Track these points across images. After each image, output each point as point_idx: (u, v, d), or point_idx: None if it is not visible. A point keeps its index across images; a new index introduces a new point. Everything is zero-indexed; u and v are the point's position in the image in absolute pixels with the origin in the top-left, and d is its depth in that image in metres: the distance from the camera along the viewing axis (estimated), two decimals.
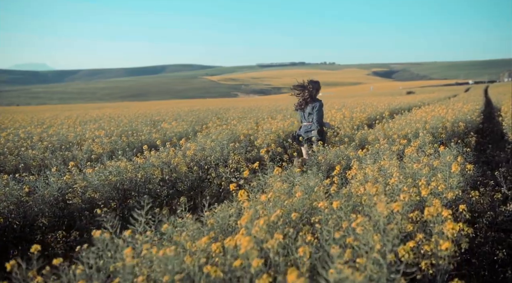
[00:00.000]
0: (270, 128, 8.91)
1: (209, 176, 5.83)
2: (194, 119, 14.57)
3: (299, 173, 5.12)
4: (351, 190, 3.20)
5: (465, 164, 4.16)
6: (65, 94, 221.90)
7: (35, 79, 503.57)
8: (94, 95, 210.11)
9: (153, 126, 12.01)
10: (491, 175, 6.38)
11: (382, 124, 8.26)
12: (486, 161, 8.45)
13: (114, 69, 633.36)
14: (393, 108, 15.83)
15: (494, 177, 6.82)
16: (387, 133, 7.05)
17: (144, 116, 18.25)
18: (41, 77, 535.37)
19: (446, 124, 8.47)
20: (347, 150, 5.96)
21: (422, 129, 7.00)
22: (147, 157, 5.57)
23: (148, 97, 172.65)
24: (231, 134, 8.79)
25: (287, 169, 5.36)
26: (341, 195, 3.13)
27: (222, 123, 12.84)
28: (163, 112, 22.58)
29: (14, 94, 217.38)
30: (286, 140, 9.05)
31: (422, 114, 10.93)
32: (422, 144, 6.33)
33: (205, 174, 5.70)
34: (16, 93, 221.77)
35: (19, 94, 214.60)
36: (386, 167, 3.92)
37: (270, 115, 14.82)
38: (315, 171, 4.91)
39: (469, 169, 3.89)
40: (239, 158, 6.14)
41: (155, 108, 33.64)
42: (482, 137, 11.20)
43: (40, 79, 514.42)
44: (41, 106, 69.81)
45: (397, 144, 6.03)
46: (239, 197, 3.18)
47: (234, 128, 9.42)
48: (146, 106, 44.41)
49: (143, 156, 5.72)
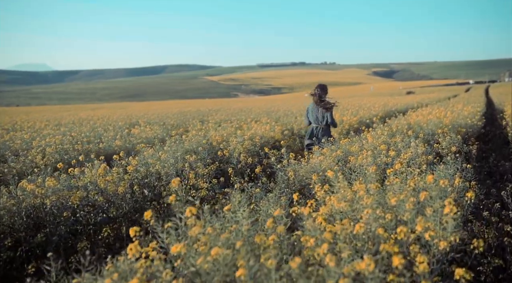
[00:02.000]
0: (244, 134, 7.93)
1: (161, 195, 4.87)
2: (175, 123, 13.62)
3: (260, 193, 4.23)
4: (302, 237, 2.24)
5: (463, 190, 3.22)
6: (65, 94, 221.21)
7: (35, 79, 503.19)
8: (93, 96, 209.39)
9: (127, 130, 11.05)
10: (496, 193, 5.41)
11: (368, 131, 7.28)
12: (489, 171, 7.49)
13: (114, 69, 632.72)
14: (389, 110, 14.82)
15: (499, 194, 5.88)
16: (374, 143, 6.09)
17: (129, 118, 17.27)
18: (41, 78, 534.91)
19: (444, 130, 7.51)
20: (324, 163, 5.00)
21: (414, 138, 6.03)
22: (76, 174, 4.59)
23: (147, 98, 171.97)
24: (204, 141, 7.83)
25: (253, 187, 4.42)
26: (285, 245, 2.17)
27: (203, 127, 11.90)
28: (150, 113, 21.64)
29: (13, 94, 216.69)
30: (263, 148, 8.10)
31: (418, 117, 9.96)
32: (414, 155, 5.36)
33: (153, 194, 4.74)
34: (15, 94, 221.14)
35: (19, 95, 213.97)
36: (360, 194, 2.95)
37: (256, 118, 13.86)
38: (277, 193, 3.97)
39: (469, 198, 2.94)
40: (195, 172, 5.17)
41: (150, 109, 32.72)
42: (484, 143, 10.23)
43: (40, 79, 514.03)
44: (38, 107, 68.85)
45: (383, 156, 5.06)
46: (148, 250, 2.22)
47: (208, 134, 8.46)
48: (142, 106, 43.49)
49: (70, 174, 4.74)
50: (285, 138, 9.41)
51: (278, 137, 9.21)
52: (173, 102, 62.79)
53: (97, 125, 12.89)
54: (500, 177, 7.00)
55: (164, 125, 13.41)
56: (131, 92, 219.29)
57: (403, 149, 5.56)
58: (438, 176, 3.67)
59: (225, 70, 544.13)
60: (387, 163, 5.19)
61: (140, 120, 14.90)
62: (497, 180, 6.94)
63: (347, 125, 10.31)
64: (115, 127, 12.12)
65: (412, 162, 5.36)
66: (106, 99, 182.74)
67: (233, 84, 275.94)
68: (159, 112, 23.28)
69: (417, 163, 5.34)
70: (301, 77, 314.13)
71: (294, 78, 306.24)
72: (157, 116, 17.52)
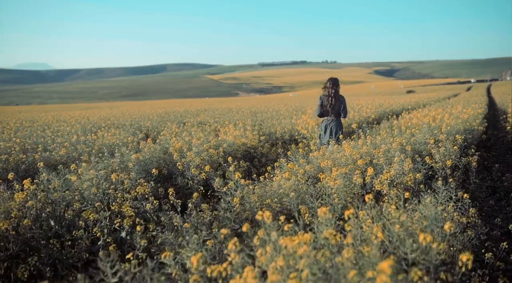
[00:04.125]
0: (200, 143, 6.81)
1: (76, 231, 3.81)
2: (151, 125, 12.56)
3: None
4: None
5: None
6: (65, 93, 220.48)
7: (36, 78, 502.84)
8: (94, 95, 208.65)
9: (90, 134, 9.98)
10: (500, 223, 4.33)
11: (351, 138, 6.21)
12: (492, 186, 6.40)
13: (115, 68, 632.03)
14: (382, 112, 13.71)
15: (505, 219, 4.81)
16: (355, 154, 5.03)
17: (104, 120, 16.17)
18: (42, 77, 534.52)
19: (440, 137, 6.43)
20: (287, 184, 3.95)
21: (400, 151, 4.96)
22: None
23: (148, 97, 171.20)
24: (161, 151, 6.78)
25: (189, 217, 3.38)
26: None
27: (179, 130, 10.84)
28: (135, 114, 20.57)
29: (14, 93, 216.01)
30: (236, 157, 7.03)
31: (411, 122, 8.90)
32: (399, 173, 4.30)
33: (60, 226, 3.68)
34: (16, 93, 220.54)
35: (19, 94, 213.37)
36: (300, 253, 1.90)
37: (242, 119, 12.79)
38: (206, 234, 2.91)
39: (464, 263, 1.88)
40: (122, 196, 4.11)
41: (139, 109, 31.66)
42: (486, 149, 9.14)
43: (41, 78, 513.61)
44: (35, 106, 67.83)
45: (357, 176, 3.98)
46: None
47: (165, 143, 7.39)
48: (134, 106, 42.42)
49: None
50: (261, 145, 8.34)
51: (253, 144, 8.14)
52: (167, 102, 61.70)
53: (62, 128, 11.81)
54: (505, 193, 5.93)
55: (139, 128, 12.36)
56: (132, 91, 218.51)
57: (385, 165, 4.48)
58: (421, 216, 2.61)
59: (226, 69, 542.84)
60: (365, 184, 4.13)
61: (115, 122, 13.83)
62: (501, 198, 5.87)
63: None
64: (81, 130, 11.07)
65: (398, 180, 4.31)
66: (106, 98, 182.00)
67: (234, 83, 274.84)
68: (147, 112, 22.20)
69: (403, 182, 4.29)
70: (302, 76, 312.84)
71: (295, 77, 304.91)
72: (139, 117, 16.45)
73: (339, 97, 7.16)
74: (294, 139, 10.09)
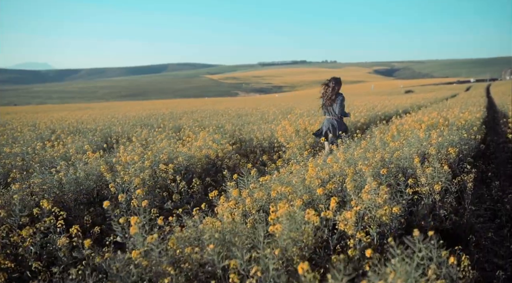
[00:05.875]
0: (133, 160, 5.74)
1: None
2: (121, 130, 11.57)
3: None
4: None
5: None
6: (65, 93, 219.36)
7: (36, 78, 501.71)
8: (94, 95, 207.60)
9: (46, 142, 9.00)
10: (504, 270, 3.34)
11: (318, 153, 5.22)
12: (492, 208, 5.39)
13: (115, 68, 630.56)
14: (373, 116, 12.67)
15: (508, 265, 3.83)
16: (321, 177, 4.05)
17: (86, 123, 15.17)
18: (42, 77, 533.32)
19: (429, 150, 5.45)
20: (212, 226, 2.97)
21: (374, 174, 3.97)
22: None
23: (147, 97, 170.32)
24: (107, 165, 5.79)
25: None
26: None
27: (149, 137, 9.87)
28: (118, 115, 19.56)
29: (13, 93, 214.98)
30: (195, 172, 6.06)
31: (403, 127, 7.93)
32: (369, 205, 3.32)
33: None
34: (16, 93, 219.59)
35: (19, 94, 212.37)
36: None
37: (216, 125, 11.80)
38: None
39: None
40: None
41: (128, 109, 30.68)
42: (485, 160, 8.13)
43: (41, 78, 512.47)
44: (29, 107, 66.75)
45: (309, 214, 2.98)
46: None
47: (112, 156, 6.40)
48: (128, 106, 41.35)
49: None
50: (229, 155, 7.34)
51: (220, 155, 7.13)
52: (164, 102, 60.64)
53: (22, 134, 10.82)
54: (507, 218, 4.93)
55: (109, 133, 11.38)
56: (131, 91, 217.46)
57: (353, 194, 3.49)
58: None
59: (226, 68, 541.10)
60: (327, 219, 3.15)
61: (80, 127, 12.82)
62: (502, 224, 4.87)
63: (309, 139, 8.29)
64: (38, 137, 10.08)
65: (371, 214, 3.33)
66: (106, 98, 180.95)
67: (234, 83, 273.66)
68: (133, 114, 21.19)
69: (376, 218, 3.30)
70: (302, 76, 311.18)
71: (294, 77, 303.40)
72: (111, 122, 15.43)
73: (335, 96, 7.00)
74: (273, 147, 9.11)
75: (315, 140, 7.25)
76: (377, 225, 3.34)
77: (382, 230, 3.40)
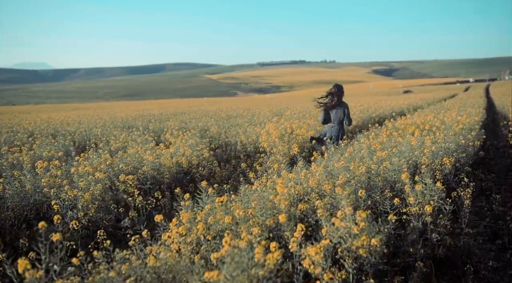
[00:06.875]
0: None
1: None
2: (101, 133, 10.96)
3: None
4: None
5: None
6: (64, 93, 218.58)
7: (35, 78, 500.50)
8: (93, 94, 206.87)
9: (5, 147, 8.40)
10: None
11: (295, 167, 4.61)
12: (492, 227, 4.78)
13: (114, 68, 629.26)
14: (366, 118, 12.01)
15: None
16: (293, 195, 3.46)
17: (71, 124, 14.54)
18: (41, 76, 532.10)
19: (422, 160, 4.84)
20: None
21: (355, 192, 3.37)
22: None
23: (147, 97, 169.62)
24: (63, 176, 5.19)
25: None
26: None
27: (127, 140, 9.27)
28: (106, 116, 18.93)
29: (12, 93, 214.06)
30: (162, 182, 5.47)
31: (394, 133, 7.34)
32: (344, 234, 2.73)
33: None
34: (15, 92, 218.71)
35: (18, 93, 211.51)
36: None
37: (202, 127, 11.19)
38: None
39: None
40: None
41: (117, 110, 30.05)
42: (484, 167, 7.53)
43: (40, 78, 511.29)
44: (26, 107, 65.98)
45: (258, 255, 2.38)
46: None
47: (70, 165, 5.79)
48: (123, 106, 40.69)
49: None
50: (204, 163, 6.72)
51: (194, 163, 6.52)
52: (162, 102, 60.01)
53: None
54: (510, 239, 4.33)
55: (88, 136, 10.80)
56: (130, 91, 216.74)
57: (325, 220, 2.88)
58: None
59: (225, 68, 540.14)
60: (290, 254, 2.55)
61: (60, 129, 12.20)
62: (504, 245, 4.27)
63: (301, 139, 7.69)
64: (6, 140, 9.48)
65: (346, 245, 2.74)
66: (107, 98, 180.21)
67: (233, 83, 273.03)
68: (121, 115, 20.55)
69: (352, 251, 2.70)
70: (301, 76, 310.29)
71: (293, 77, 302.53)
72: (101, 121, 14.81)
73: (338, 104, 6.96)
74: (259, 152, 8.51)
75: (316, 148, 7.02)
76: (353, 258, 2.75)
77: (360, 263, 2.81)
